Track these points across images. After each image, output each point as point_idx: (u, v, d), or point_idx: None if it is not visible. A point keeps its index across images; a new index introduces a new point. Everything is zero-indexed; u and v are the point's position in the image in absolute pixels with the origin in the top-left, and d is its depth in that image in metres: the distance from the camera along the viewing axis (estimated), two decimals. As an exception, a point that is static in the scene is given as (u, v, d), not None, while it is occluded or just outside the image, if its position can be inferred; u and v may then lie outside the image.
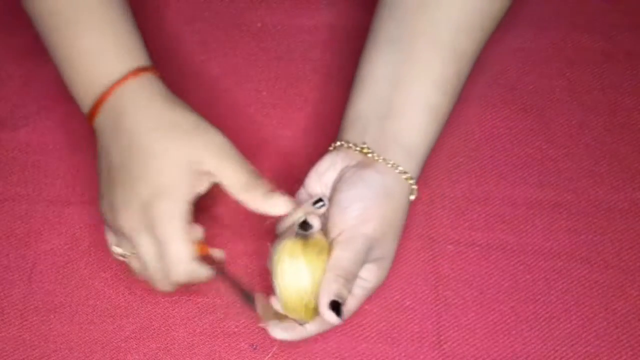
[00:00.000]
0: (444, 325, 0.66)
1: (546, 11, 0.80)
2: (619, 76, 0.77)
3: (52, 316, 0.65)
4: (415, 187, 0.64)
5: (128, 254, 0.62)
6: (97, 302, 0.66)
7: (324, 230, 0.61)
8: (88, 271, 0.67)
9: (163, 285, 0.61)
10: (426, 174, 0.72)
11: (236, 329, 0.65)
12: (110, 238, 0.63)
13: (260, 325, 0.63)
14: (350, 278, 0.58)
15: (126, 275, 0.66)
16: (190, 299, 0.66)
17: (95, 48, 0.63)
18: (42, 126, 0.73)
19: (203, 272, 0.61)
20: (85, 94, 0.63)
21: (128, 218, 0.59)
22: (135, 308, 0.66)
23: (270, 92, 0.76)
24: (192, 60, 0.77)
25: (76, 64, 0.63)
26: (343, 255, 0.59)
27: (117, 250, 0.63)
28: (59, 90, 0.75)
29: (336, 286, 0.57)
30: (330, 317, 0.57)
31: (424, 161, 0.65)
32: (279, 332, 0.61)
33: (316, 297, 0.58)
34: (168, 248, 0.58)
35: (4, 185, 0.71)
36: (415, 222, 0.69)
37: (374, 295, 0.66)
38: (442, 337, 0.65)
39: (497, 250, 0.68)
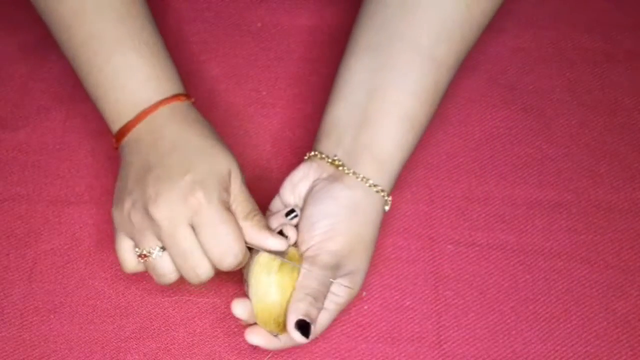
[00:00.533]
0: (444, 325, 0.66)
1: (546, 11, 0.80)
2: (619, 76, 0.77)
3: (52, 316, 0.65)
4: (388, 198, 0.63)
5: (154, 252, 0.60)
6: (97, 302, 0.66)
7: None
8: (88, 271, 0.67)
9: (208, 272, 0.59)
10: (426, 174, 0.72)
11: (236, 329, 0.65)
12: (125, 245, 0.61)
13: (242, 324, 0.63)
14: (318, 296, 0.58)
15: (148, 281, 0.66)
16: (190, 299, 0.66)
17: (139, 71, 0.63)
18: (42, 126, 0.73)
19: (249, 255, 0.60)
20: (122, 112, 0.63)
21: (167, 207, 0.58)
22: (135, 308, 0.66)
23: (270, 92, 0.76)
24: (192, 60, 0.77)
25: (115, 84, 0.63)
26: (308, 274, 0.59)
27: (139, 252, 0.60)
28: (59, 90, 0.75)
29: (303, 305, 0.58)
30: (297, 337, 0.57)
31: (399, 171, 0.64)
32: (254, 337, 0.61)
33: (286, 313, 0.58)
34: (220, 228, 0.58)
35: (4, 185, 0.71)
36: (415, 222, 0.69)
37: (374, 295, 0.66)
38: (442, 337, 0.65)
39: (497, 250, 0.68)
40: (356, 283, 0.61)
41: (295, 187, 0.64)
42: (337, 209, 0.61)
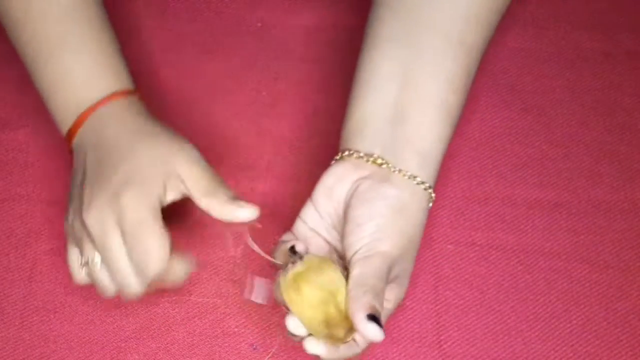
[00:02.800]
0: (444, 325, 0.66)
1: (546, 11, 0.80)
2: (619, 76, 0.77)
3: (52, 316, 0.65)
4: (433, 195, 0.60)
5: (94, 263, 0.58)
6: (97, 302, 0.66)
7: (340, 250, 0.59)
8: (88, 271, 0.67)
9: (135, 287, 0.57)
10: (426, 174, 0.72)
11: (236, 329, 0.65)
12: (73, 255, 0.60)
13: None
14: (378, 292, 0.54)
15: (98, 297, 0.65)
16: (190, 299, 0.66)
17: (80, 69, 0.62)
18: (42, 126, 0.73)
19: (180, 265, 0.58)
20: (66, 114, 0.62)
21: (97, 212, 0.56)
22: (135, 308, 0.66)
23: (270, 92, 0.76)
24: (192, 60, 0.77)
25: (58, 85, 0.62)
26: (364, 272, 0.55)
27: (82, 261, 0.59)
28: (59, 90, 0.75)
29: (367, 299, 0.53)
30: (372, 330, 0.52)
31: (440, 164, 0.61)
32: (313, 345, 0.56)
33: (339, 314, 0.55)
34: (139, 235, 0.55)
35: (4, 185, 0.71)
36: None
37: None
38: (442, 337, 0.65)
39: (497, 250, 0.68)
40: (404, 286, 0.59)
41: (331, 192, 0.60)
42: (386, 209, 0.57)
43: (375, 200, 0.58)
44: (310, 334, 0.56)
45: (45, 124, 0.73)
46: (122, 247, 0.56)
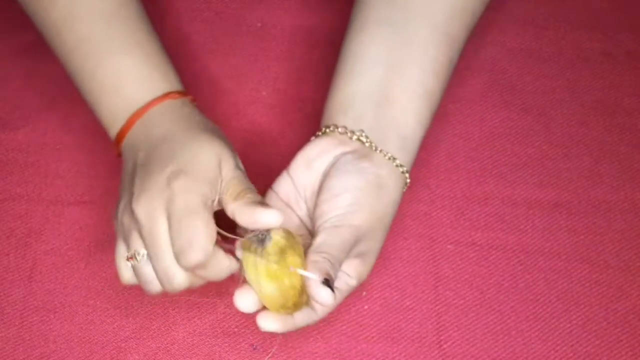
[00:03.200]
0: (444, 325, 0.66)
1: (546, 11, 0.80)
2: (619, 76, 0.77)
3: (52, 316, 0.65)
4: (408, 180, 0.62)
5: (140, 255, 0.56)
6: (97, 302, 0.66)
7: (308, 224, 0.60)
8: (88, 271, 0.67)
9: (179, 278, 0.55)
10: (426, 174, 0.72)
11: (236, 329, 0.65)
12: (120, 253, 0.59)
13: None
14: (335, 263, 0.55)
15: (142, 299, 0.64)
16: (190, 299, 0.66)
17: (132, 71, 0.62)
18: (42, 126, 0.73)
19: (224, 260, 0.56)
20: (117, 116, 0.62)
21: (146, 199, 0.55)
22: (135, 308, 0.66)
23: (270, 92, 0.76)
24: (192, 60, 0.77)
25: (109, 88, 0.62)
26: (328, 240, 0.56)
27: (128, 255, 0.57)
28: (59, 90, 0.75)
29: (324, 266, 0.54)
30: (325, 295, 0.53)
31: (418, 149, 0.63)
32: (267, 322, 0.56)
33: (295, 292, 0.55)
34: (186, 221, 0.53)
35: (4, 185, 0.71)
36: (415, 222, 0.69)
37: (374, 295, 0.66)
38: (442, 337, 0.65)
39: (497, 250, 0.68)
40: (369, 265, 0.59)
41: (311, 164, 0.61)
42: (364, 183, 0.59)
43: (354, 173, 0.59)
44: (263, 309, 0.56)
45: (45, 124, 0.74)
46: (167, 232, 0.54)
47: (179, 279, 0.56)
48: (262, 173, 0.72)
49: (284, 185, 0.62)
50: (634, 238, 0.69)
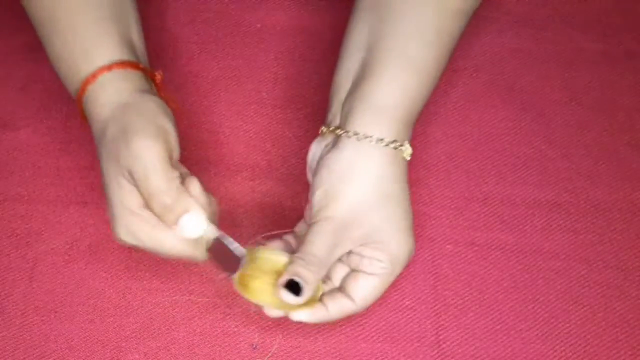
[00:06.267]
0: (443, 324, 0.66)
1: (545, 11, 0.80)
2: (618, 76, 0.77)
3: (52, 316, 0.65)
4: (403, 148, 0.60)
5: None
6: (97, 302, 0.66)
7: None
8: (88, 271, 0.67)
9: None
10: (425, 174, 0.72)
11: (236, 329, 0.65)
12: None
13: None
14: (312, 262, 0.57)
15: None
16: (190, 299, 0.66)
17: (85, 36, 0.63)
18: (42, 126, 0.73)
19: (188, 200, 0.58)
20: (72, 82, 0.63)
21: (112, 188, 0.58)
22: (136, 308, 0.66)
23: (270, 92, 0.76)
24: (192, 61, 0.77)
25: (65, 58, 0.63)
26: (309, 239, 0.58)
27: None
28: (59, 90, 0.74)
29: (293, 267, 0.56)
30: (285, 296, 0.56)
31: (408, 118, 0.60)
32: (299, 313, 0.59)
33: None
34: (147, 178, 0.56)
35: (4, 185, 0.71)
36: (414, 222, 0.69)
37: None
38: (441, 337, 0.65)
39: (496, 250, 0.69)
40: (393, 248, 0.59)
41: (310, 168, 0.63)
42: (328, 174, 0.59)
43: (319, 170, 0.60)
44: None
45: (46, 124, 0.74)
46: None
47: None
48: (262, 174, 0.72)
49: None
50: (632, 238, 0.69)
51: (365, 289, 0.59)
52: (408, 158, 0.61)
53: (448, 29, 0.62)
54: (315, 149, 0.63)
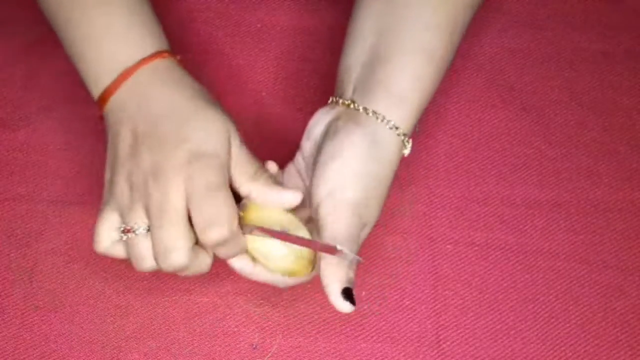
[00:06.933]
0: (443, 324, 0.66)
1: (545, 11, 0.80)
2: (617, 76, 0.77)
3: (52, 316, 0.65)
4: (408, 140, 0.60)
5: (139, 229, 0.56)
6: (98, 302, 0.66)
7: (306, 195, 0.60)
8: (88, 271, 0.67)
9: (178, 255, 0.55)
10: (425, 174, 0.72)
11: (236, 329, 0.65)
12: (110, 219, 0.57)
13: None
14: (351, 259, 0.55)
15: (128, 272, 0.65)
16: (190, 299, 0.66)
17: (121, 28, 0.60)
18: (42, 126, 0.73)
19: (242, 239, 0.56)
20: (103, 70, 0.60)
21: (164, 175, 0.54)
22: (136, 308, 0.66)
23: (270, 92, 0.76)
24: (192, 61, 0.77)
25: (96, 42, 0.60)
26: (335, 233, 0.55)
27: (124, 226, 0.56)
28: (59, 90, 0.75)
29: (341, 272, 0.54)
30: (345, 307, 0.54)
31: (420, 109, 0.61)
32: (236, 261, 0.58)
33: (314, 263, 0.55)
34: (208, 199, 0.54)
35: (4, 185, 0.71)
36: (414, 222, 0.70)
37: (374, 295, 0.67)
38: (441, 337, 0.65)
39: (496, 250, 0.69)
40: (365, 235, 0.59)
41: (310, 133, 0.62)
42: (349, 147, 0.57)
43: (336, 139, 0.58)
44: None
45: (46, 124, 0.74)
46: (182, 207, 0.54)
47: (179, 254, 0.55)
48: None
49: (297, 159, 0.64)
50: (632, 238, 0.69)
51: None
52: (406, 153, 0.61)
53: (460, 19, 0.63)
54: (321, 117, 0.62)
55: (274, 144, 0.73)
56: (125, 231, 0.57)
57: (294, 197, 0.57)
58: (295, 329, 0.65)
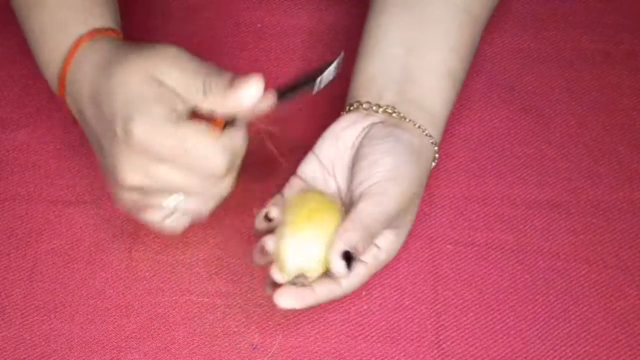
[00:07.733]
0: (443, 324, 0.66)
1: (545, 11, 0.80)
2: (617, 76, 0.77)
3: (52, 316, 0.65)
4: (437, 154, 0.62)
5: (179, 200, 0.54)
6: (98, 302, 0.66)
7: (349, 187, 0.59)
8: (88, 271, 0.67)
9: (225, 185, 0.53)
10: (425, 174, 0.72)
11: (236, 329, 0.65)
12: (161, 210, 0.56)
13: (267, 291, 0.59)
14: (367, 234, 0.54)
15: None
16: (190, 299, 0.66)
17: (56, 20, 0.60)
18: (42, 126, 0.73)
19: (239, 136, 0.53)
20: (52, 64, 0.60)
21: (129, 167, 0.52)
22: (136, 308, 0.66)
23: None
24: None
25: (41, 38, 0.61)
26: (368, 208, 0.54)
27: (170, 207, 0.54)
28: (59, 90, 0.75)
29: (354, 236, 0.53)
30: (339, 267, 0.53)
31: (444, 128, 0.64)
32: (285, 299, 0.55)
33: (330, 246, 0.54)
34: (184, 152, 0.50)
35: (4, 185, 0.71)
36: (414, 222, 0.70)
37: (374, 295, 0.66)
38: (441, 337, 0.65)
39: (496, 250, 0.69)
40: (401, 239, 0.59)
41: (339, 136, 0.60)
42: (402, 148, 0.57)
43: (388, 138, 0.58)
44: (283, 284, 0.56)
45: (46, 124, 0.74)
46: (169, 172, 0.52)
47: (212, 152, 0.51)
48: (263, 175, 0.72)
49: (309, 165, 0.62)
50: (632, 238, 0.69)
51: (354, 275, 0.58)
52: (433, 165, 0.63)
53: (477, 39, 0.65)
54: (355, 120, 0.60)
55: (274, 144, 0.73)
56: (170, 210, 0.55)
57: (255, 87, 0.51)
58: (295, 329, 0.65)
